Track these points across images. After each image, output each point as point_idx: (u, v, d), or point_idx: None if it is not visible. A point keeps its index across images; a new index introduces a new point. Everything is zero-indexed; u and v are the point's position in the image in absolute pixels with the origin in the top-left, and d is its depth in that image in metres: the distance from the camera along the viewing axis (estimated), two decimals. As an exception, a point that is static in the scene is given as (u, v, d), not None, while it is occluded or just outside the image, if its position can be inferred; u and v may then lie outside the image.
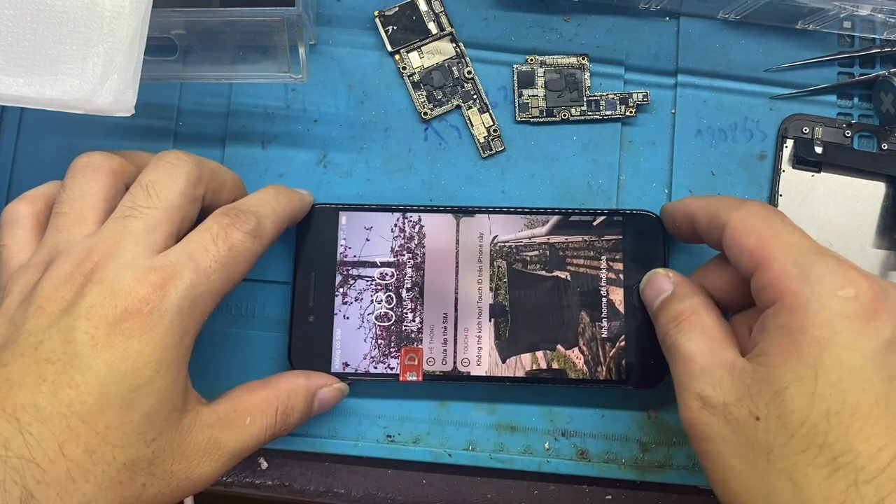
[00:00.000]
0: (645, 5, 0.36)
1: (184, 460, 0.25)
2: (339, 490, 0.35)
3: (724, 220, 0.27)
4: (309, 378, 0.31)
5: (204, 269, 0.25)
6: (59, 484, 0.22)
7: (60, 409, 0.22)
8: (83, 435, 0.22)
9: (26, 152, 0.36)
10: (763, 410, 0.24)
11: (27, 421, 0.22)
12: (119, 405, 0.23)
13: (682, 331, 0.28)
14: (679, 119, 0.36)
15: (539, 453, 0.34)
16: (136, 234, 0.26)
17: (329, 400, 0.31)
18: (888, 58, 0.37)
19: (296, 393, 0.30)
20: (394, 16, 0.36)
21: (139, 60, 0.28)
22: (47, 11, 0.28)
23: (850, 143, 0.36)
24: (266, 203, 0.29)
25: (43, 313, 0.24)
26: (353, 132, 0.36)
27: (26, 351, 0.23)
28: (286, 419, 0.29)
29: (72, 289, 0.24)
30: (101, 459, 0.23)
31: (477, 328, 0.33)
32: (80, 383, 0.23)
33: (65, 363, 0.23)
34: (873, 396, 0.22)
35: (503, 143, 0.36)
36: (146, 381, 0.24)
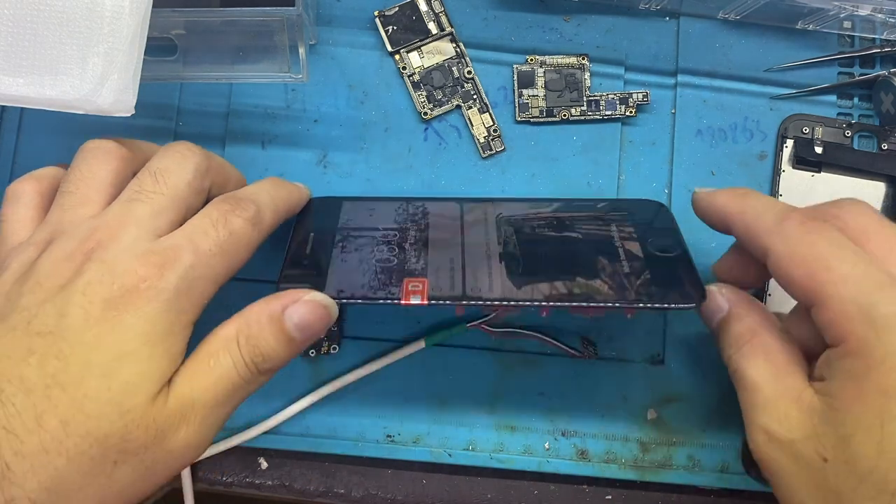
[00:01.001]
0: (645, 5, 0.36)
1: (157, 433, 0.24)
2: (339, 490, 0.35)
3: (764, 247, 0.26)
4: (271, 300, 0.26)
5: (204, 252, 0.25)
6: (33, 456, 0.22)
7: (45, 379, 0.22)
8: (61, 404, 0.22)
9: (26, 152, 0.36)
10: (830, 453, 0.23)
11: (11, 392, 0.22)
12: (100, 373, 0.23)
13: (744, 356, 0.26)
14: (679, 119, 0.36)
15: (539, 453, 0.34)
16: (140, 218, 0.26)
17: (307, 318, 0.26)
18: (888, 58, 0.37)
19: (257, 318, 0.26)
20: (394, 16, 0.36)
21: (139, 60, 0.28)
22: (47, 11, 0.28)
23: (850, 143, 0.36)
24: (265, 193, 0.29)
25: (40, 289, 0.24)
26: (353, 132, 0.36)
27: (19, 325, 0.23)
28: (253, 351, 0.25)
29: (71, 267, 0.24)
30: (74, 431, 0.22)
31: (487, 267, 0.29)
32: (67, 354, 0.23)
33: (56, 336, 0.23)
34: None
35: (503, 143, 0.36)
36: (131, 350, 0.23)
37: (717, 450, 0.34)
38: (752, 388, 0.26)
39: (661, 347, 0.35)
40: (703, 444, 0.34)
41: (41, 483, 0.22)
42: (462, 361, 0.35)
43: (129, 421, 0.23)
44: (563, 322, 0.35)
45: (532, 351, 0.35)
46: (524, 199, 0.34)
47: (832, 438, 0.23)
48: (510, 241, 0.30)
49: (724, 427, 0.35)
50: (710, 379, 0.35)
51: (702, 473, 0.34)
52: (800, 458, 0.24)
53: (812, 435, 0.23)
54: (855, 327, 0.22)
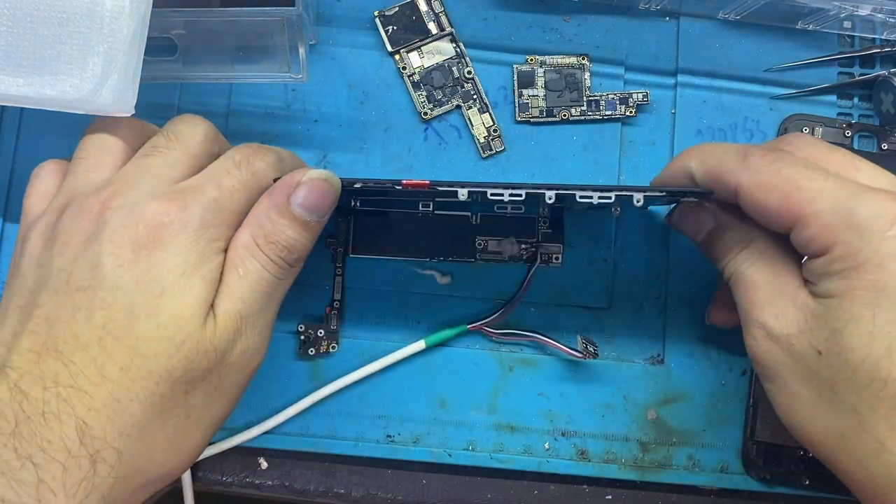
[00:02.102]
0: (645, 5, 0.36)
1: (217, 353, 0.25)
2: (339, 490, 0.35)
3: (733, 185, 0.26)
4: (272, 193, 0.27)
5: (227, 187, 0.26)
6: (106, 407, 0.23)
7: (96, 331, 0.23)
8: (118, 352, 0.23)
9: (26, 152, 0.36)
10: (824, 346, 0.24)
11: (69, 352, 0.23)
12: (146, 313, 0.23)
13: (743, 260, 0.27)
14: (679, 119, 0.36)
15: (539, 453, 0.34)
16: (154, 168, 0.26)
17: (312, 198, 0.26)
18: (888, 58, 0.36)
19: (266, 215, 0.26)
20: (394, 16, 0.36)
21: (139, 60, 0.28)
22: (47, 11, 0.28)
23: (850, 143, 0.36)
24: (284, 150, 0.29)
25: (67, 248, 0.24)
26: (353, 132, 0.36)
27: (59, 286, 0.24)
28: (275, 247, 0.26)
29: (91, 218, 0.25)
30: (138, 375, 0.23)
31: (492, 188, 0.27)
32: (110, 303, 0.23)
33: (95, 288, 0.23)
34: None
35: (503, 143, 0.36)
36: (170, 284, 0.24)
37: (717, 450, 0.34)
38: (751, 286, 0.27)
39: (661, 347, 0.35)
40: (703, 444, 0.34)
41: (121, 431, 0.23)
42: (462, 361, 0.35)
43: (187, 351, 0.24)
44: (564, 322, 0.35)
45: (532, 351, 0.35)
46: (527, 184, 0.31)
47: (825, 332, 0.24)
48: None
49: (724, 427, 0.35)
50: (710, 379, 0.35)
51: (702, 473, 0.34)
52: (795, 351, 0.25)
53: (806, 329, 0.24)
54: (838, 235, 0.24)
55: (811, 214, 0.24)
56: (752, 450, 0.34)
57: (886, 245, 0.23)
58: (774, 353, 0.25)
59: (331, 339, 0.35)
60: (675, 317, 0.35)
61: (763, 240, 0.27)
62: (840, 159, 0.26)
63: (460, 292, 0.35)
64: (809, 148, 0.27)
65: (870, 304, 0.23)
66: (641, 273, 0.35)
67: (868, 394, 0.23)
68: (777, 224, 0.26)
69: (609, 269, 0.35)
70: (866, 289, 0.23)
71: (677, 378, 0.35)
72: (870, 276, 0.23)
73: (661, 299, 0.35)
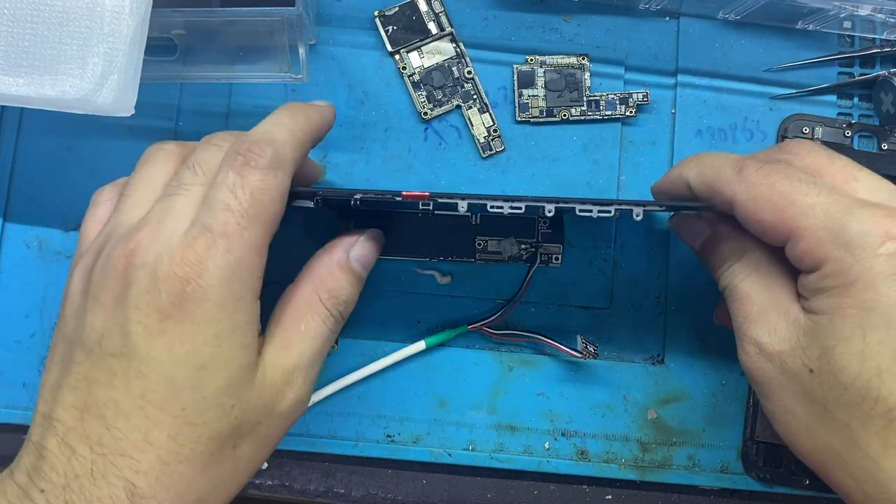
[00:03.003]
0: (645, 5, 0.36)
1: (266, 407, 0.25)
2: (339, 490, 0.35)
3: (729, 197, 0.26)
4: (333, 251, 0.29)
5: (233, 230, 0.25)
6: (155, 469, 0.23)
7: (136, 401, 0.23)
8: (163, 421, 0.23)
9: (26, 152, 0.36)
10: (815, 364, 0.24)
11: (111, 417, 0.23)
12: (189, 386, 0.23)
13: (736, 272, 0.27)
14: (679, 119, 0.36)
15: (539, 453, 0.34)
16: (177, 211, 0.25)
17: (369, 255, 0.29)
18: (888, 58, 0.36)
19: (330, 272, 0.28)
20: (394, 16, 0.36)
21: (139, 60, 0.28)
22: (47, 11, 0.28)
23: (850, 143, 0.36)
24: (280, 126, 0.27)
25: (98, 305, 0.24)
26: (353, 132, 0.36)
27: (94, 347, 0.24)
28: (336, 301, 0.28)
29: (117, 275, 0.24)
30: (187, 439, 0.23)
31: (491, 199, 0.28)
32: (146, 373, 0.23)
33: (128, 356, 0.23)
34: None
35: (503, 143, 0.36)
36: (209, 357, 0.24)
37: (717, 450, 0.34)
38: (745, 300, 0.26)
39: (661, 347, 0.35)
40: (703, 444, 0.34)
41: (170, 488, 0.23)
42: (462, 361, 0.35)
43: (236, 414, 0.24)
44: (564, 322, 0.35)
45: (532, 351, 0.35)
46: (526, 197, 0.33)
47: (817, 350, 0.24)
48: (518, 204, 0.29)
49: (724, 427, 0.35)
50: (710, 379, 0.35)
51: (702, 473, 0.34)
52: (787, 369, 0.25)
53: (798, 347, 0.24)
54: (829, 251, 0.23)
55: (803, 229, 0.24)
56: (752, 450, 0.34)
57: (877, 264, 0.23)
58: (768, 370, 0.25)
59: (331, 339, 0.35)
60: (675, 317, 0.35)
61: (757, 252, 0.27)
62: (839, 169, 0.26)
63: (460, 292, 0.35)
64: (810, 156, 0.26)
65: (860, 324, 0.23)
66: (641, 273, 0.35)
67: (860, 412, 0.23)
68: (771, 237, 0.25)
69: (609, 269, 0.35)
70: (856, 308, 0.23)
71: (677, 378, 0.35)
72: (860, 295, 0.23)
73: (661, 299, 0.35)
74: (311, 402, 0.34)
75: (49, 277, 0.36)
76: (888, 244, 0.23)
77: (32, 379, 0.35)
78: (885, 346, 0.22)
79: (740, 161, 0.27)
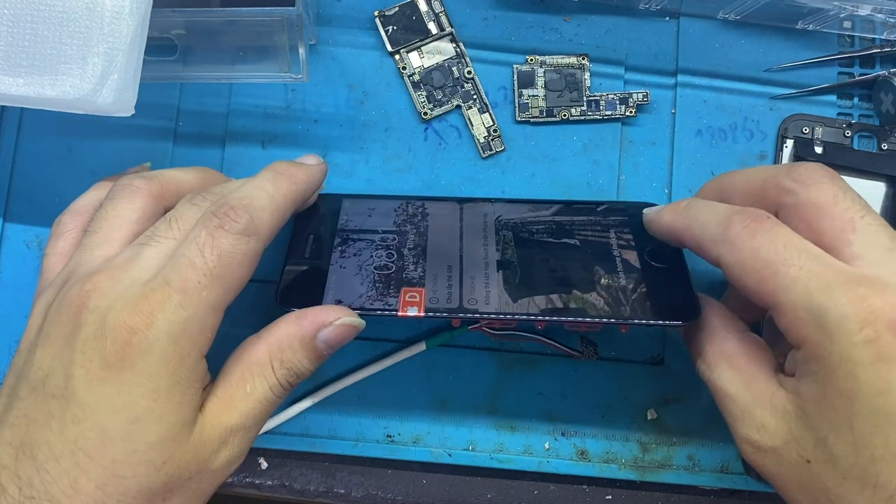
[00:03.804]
0: (645, 5, 0.36)
1: (199, 465, 0.25)
2: (339, 490, 0.35)
3: (715, 258, 0.26)
4: (301, 323, 0.27)
5: (192, 287, 0.24)
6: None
7: (68, 445, 0.23)
8: (92, 470, 0.23)
9: (26, 152, 0.36)
10: (811, 454, 0.23)
11: (42, 459, 0.23)
12: (120, 438, 0.23)
13: (709, 366, 0.27)
14: (679, 119, 0.36)
15: (539, 453, 0.34)
16: (143, 260, 0.25)
17: (338, 338, 0.27)
18: (888, 58, 0.37)
19: (289, 343, 0.26)
20: (394, 16, 0.36)
21: (139, 60, 0.28)
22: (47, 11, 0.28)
23: (850, 143, 0.36)
24: (261, 191, 0.27)
25: (49, 342, 0.24)
26: (353, 132, 0.36)
27: (37, 385, 0.24)
28: (288, 373, 0.26)
29: (70, 315, 0.24)
30: (114, 491, 0.23)
31: (484, 277, 0.30)
32: (81, 419, 0.23)
33: (66, 399, 0.23)
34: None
35: (503, 143, 0.36)
36: (144, 411, 0.23)
37: (717, 450, 0.34)
38: (725, 397, 0.26)
39: (661, 347, 0.35)
40: (703, 444, 0.34)
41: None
42: (462, 361, 0.35)
43: (168, 470, 0.24)
44: (563, 322, 0.35)
45: (532, 351, 0.35)
46: (524, 200, 0.34)
47: (810, 441, 0.23)
48: (508, 248, 0.31)
49: (724, 427, 0.34)
50: (710, 379, 0.35)
51: (702, 473, 0.34)
52: (784, 462, 0.24)
53: (791, 440, 0.24)
54: (809, 333, 0.23)
55: (784, 305, 0.23)
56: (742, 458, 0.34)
57: (856, 351, 0.22)
58: (766, 465, 0.25)
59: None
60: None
61: (729, 343, 0.26)
62: (840, 213, 0.24)
63: (460, 292, 0.35)
64: (814, 189, 0.25)
65: (846, 414, 0.22)
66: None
67: (862, 499, 0.22)
68: (759, 304, 0.25)
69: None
70: (841, 398, 0.22)
71: (677, 378, 0.35)
72: (841, 385, 0.22)
73: (661, 299, 0.35)
74: (310, 402, 0.34)
75: (49, 277, 0.36)
76: (866, 329, 0.22)
77: (32, 379, 0.35)
78: (875, 435, 0.22)
79: (728, 217, 0.25)
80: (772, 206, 0.26)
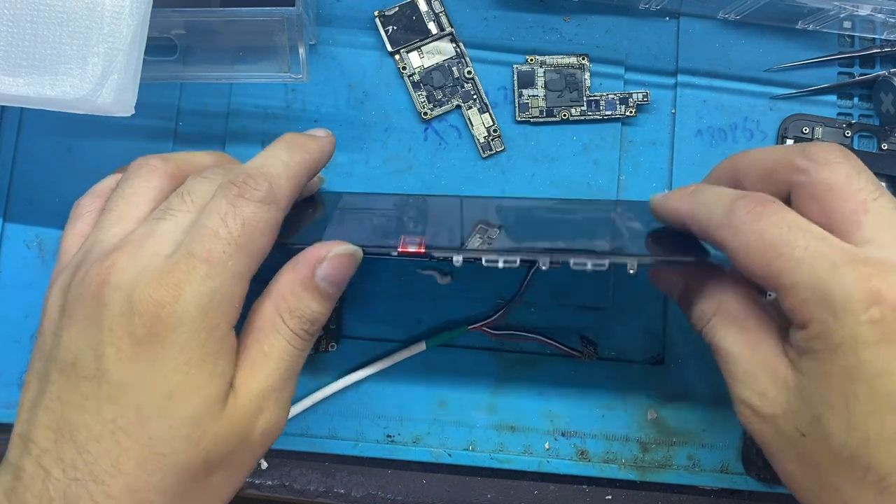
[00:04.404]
0: (645, 5, 0.36)
1: (238, 437, 0.25)
2: (339, 490, 0.35)
3: (720, 241, 0.25)
4: (297, 267, 0.26)
5: (217, 257, 0.24)
6: (124, 496, 0.22)
7: (107, 425, 0.23)
8: (132, 449, 0.23)
9: (26, 152, 0.36)
10: (806, 429, 0.23)
11: (83, 440, 0.23)
12: (157, 414, 0.23)
13: (715, 327, 0.26)
14: (679, 119, 0.36)
15: (539, 453, 0.34)
16: (160, 234, 0.25)
17: (337, 272, 0.26)
18: (888, 58, 0.37)
19: (291, 289, 0.26)
20: (394, 16, 0.36)
21: (139, 60, 0.28)
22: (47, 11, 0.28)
23: (850, 143, 0.36)
24: (276, 159, 0.27)
25: (73, 324, 0.24)
26: (353, 132, 0.36)
27: (67, 367, 0.24)
28: (299, 321, 0.26)
29: (91, 294, 0.24)
30: (154, 469, 0.23)
31: (487, 236, 0.29)
32: (116, 398, 0.23)
33: (99, 379, 0.23)
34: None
35: (503, 143, 0.36)
36: (177, 385, 0.23)
37: (717, 450, 0.34)
38: (729, 359, 0.26)
39: (661, 347, 0.35)
40: (703, 444, 0.34)
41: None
42: (462, 361, 0.35)
43: (206, 444, 0.24)
44: (563, 322, 0.35)
45: (532, 351, 0.35)
46: (527, 198, 0.34)
47: (807, 416, 0.23)
48: (510, 215, 0.30)
49: (724, 427, 0.35)
50: (710, 379, 0.35)
51: (702, 473, 0.34)
52: (781, 431, 0.24)
53: (789, 411, 0.24)
54: (814, 312, 0.23)
55: (790, 286, 0.23)
56: (752, 450, 0.34)
57: (861, 331, 0.22)
58: (764, 431, 0.25)
59: (330, 338, 0.35)
60: (675, 317, 0.35)
61: (736, 304, 0.26)
62: (854, 194, 0.24)
63: (460, 292, 0.35)
64: (827, 170, 0.24)
65: (844, 393, 0.22)
66: (641, 273, 0.35)
67: (852, 478, 0.22)
68: (763, 285, 0.24)
69: (609, 270, 0.35)
70: (840, 376, 0.22)
71: (677, 378, 0.35)
72: (843, 363, 0.22)
73: (661, 299, 0.35)
74: (310, 402, 0.34)
75: (49, 277, 0.35)
76: (872, 310, 0.21)
77: (32, 379, 0.35)
78: (871, 415, 0.22)
79: (733, 201, 0.25)
80: (784, 185, 0.26)
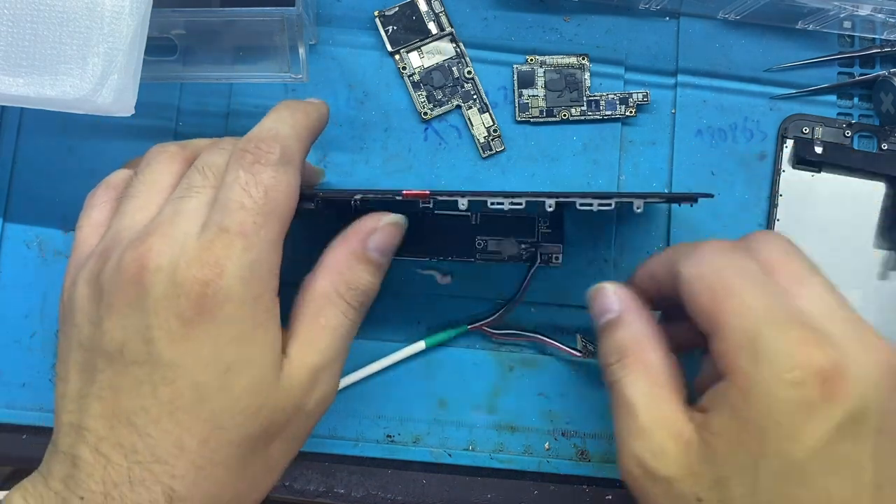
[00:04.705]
0: (645, 5, 0.36)
1: (295, 407, 0.25)
2: (339, 490, 0.35)
3: (678, 270, 0.25)
4: (349, 241, 0.27)
5: (250, 229, 0.24)
6: (190, 474, 0.23)
7: (165, 406, 0.23)
8: (193, 427, 0.23)
9: (26, 152, 0.36)
10: (705, 494, 0.22)
11: (142, 424, 0.23)
12: (215, 390, 0.23)
13: (624, 368, 0.25)
14: (679, 119, 0.36)
15: (539, 453, 0.34)
16: (188, 212, 0.25)
17: (387, 242, 0.28)
18: (888, 58, 0.37)
19: (346, 263, 0.27)
20: (394, 16, 0.36)
21: (139, 60, 0.28)
22: (47, 11, 0.28)
23: (850, 143, 0.36)
24: (283, 122, 0.27)
25: (113, 311, 0.24)
26: (353, 132, 0.36)
27: (114, 355, 0.24)
28: (356, 293, 0.27)
29: (130, 279, 0.24)
30: (217, 444, 0.23)
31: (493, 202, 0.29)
32: (172, 379, 0.23)
33: (152, 364, 0.23)
34: (813, 492, 0.21)
35: (503, 143, 0.36)
36: (233, 359, 0.24)
37: (717, 450, 0.34)
38: (628, 407, 0.25)
39: (661, 347, 0.35)
40: (703, 444, 0.34)
41: (206, 491, 0.23)
42: (462, 361, 0.35)
43: (265, 414, 0.24)
44: (563, 322, 0.35)
45: (532, 351, 0.35)
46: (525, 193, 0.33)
47: (709, 480, 0.22)
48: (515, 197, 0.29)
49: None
50: (710, 379, 0.35)
51: (702, 473, 0.34)
52: (673, 495, 0.23)
53: (689, 474, 0.23)
54: (741, 361, 0.22)
55: (729, 329, 0.23)
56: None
57: (780, 389, 0.21)
58: (653, 493, 0.24)
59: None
60: (675, 317, 0.35)
61: (653, 351, 0.25)
62: (792, 270, 0.24)
63: (460, 292, 0.35)
64: (767, 248, 0.25)
65: (754, 455, 0.22)
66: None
67: None
68: (702, 324, 0.24)
69: (609, 270, 0.35)
70: (752, 436, 0.22)
71: (677, 378, 0.35)
72: (759, 422, 0.21)
73: (661, 299, 0.35)
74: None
75: (49, 277, 0.36)
76: (796, 372, 0.21)
77: (32, 379, 0.35)
78: (776, 482, 0.21)
79: (704, 242, 0.25)
80: None
